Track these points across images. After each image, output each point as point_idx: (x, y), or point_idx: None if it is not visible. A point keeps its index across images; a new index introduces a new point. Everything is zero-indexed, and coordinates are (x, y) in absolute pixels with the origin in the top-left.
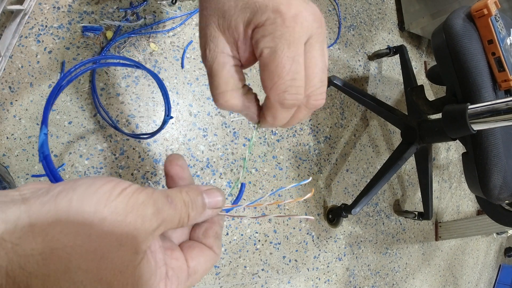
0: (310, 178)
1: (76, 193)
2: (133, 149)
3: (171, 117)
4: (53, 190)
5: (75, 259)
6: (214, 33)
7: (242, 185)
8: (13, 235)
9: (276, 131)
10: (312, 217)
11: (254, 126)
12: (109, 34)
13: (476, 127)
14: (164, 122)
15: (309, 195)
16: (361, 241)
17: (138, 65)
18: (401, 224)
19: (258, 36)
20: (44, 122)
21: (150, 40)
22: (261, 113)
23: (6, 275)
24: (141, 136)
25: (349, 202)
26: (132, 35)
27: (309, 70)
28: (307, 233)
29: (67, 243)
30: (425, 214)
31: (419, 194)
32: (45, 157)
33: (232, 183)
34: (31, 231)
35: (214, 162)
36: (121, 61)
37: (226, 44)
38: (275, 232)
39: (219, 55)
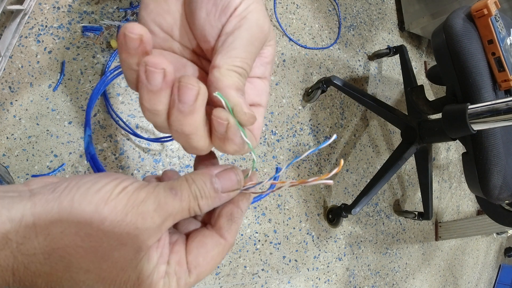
0: (335, 136)
1: (79, 192)
2: (133, 149)
3: None
4: (59, 186)
5: (75, 259)
6: None
7: (278, 169)
8: (18, 234)
9: (276, 131)
10: (331, 181)
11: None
12: (114, 44)
13: (476, 127)
14: None
15: (336, 169)
16: (361, 241)
17: None
18: (401, 224)
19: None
20: (88, 124)
21: None
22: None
23: (12, 274)
24: (163, 140)
25: (349, 202)
26: None
27: None
28: (307, 233)
29: (68, 243)
30: (425, 214)
31: (419, 194)
32: (91, 157)
33: None
34: (34, 230)
35: None
36: None
37: None
38: (275, 232)
39: None
